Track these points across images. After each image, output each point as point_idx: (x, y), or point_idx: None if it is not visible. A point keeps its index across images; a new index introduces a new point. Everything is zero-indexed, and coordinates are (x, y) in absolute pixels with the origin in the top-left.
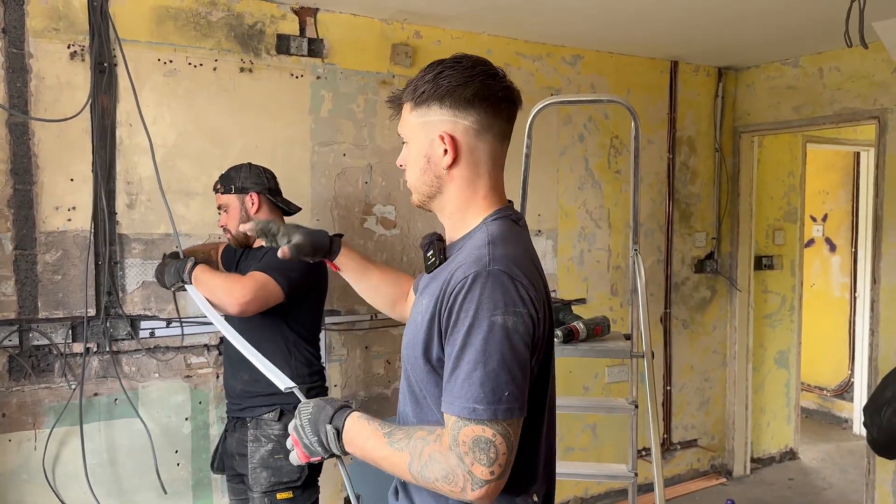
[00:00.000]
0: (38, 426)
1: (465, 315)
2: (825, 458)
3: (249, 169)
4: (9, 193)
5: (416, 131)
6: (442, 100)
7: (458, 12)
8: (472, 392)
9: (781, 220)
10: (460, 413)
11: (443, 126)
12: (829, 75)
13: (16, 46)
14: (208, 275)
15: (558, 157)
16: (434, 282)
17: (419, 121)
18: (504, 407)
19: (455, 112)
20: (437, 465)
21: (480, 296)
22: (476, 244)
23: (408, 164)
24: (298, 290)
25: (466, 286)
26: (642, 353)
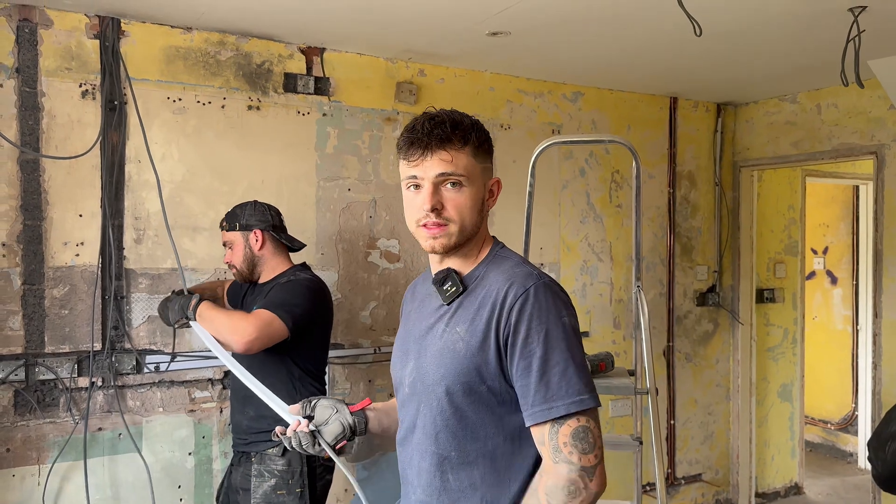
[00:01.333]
0: (42, 461)
1: (537, 322)
2: (830, 492)
3: (254, 206)
4: (18, 229)
5: (477, 175)
6: (490, 151)
7: (461, 51)
8: (574, 386)
9: (782, 253)
10: (567, 410)
11: (491, 173)
12: (826, 111)
13: (29, 85)
14: (213, 312)
15: (560, 191)
16: (462, 310)
17: (481, 166)
18: (596, 395)
19: (492, 161)
20: (557, 489)
21: (546, 303)
22: (507, 266)
23: (460, 206)
24: (303, 326)
25: (531, 297)
26: (646, 389)
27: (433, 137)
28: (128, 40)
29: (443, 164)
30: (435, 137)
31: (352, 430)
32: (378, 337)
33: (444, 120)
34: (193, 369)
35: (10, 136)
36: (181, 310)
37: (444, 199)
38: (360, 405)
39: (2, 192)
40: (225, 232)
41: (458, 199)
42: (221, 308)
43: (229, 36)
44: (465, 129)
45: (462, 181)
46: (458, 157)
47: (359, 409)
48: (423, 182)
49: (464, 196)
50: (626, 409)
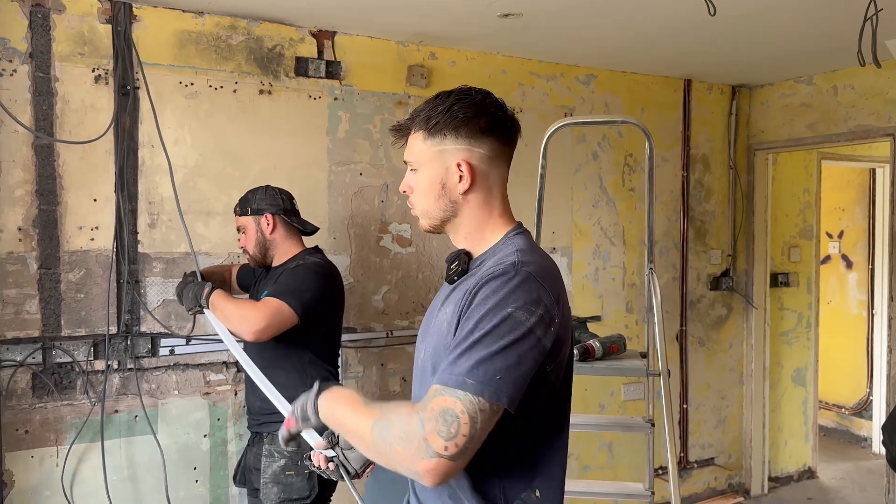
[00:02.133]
0: (59, 442)
1: (483, 303)
2: (844, 476)
3: (265, 191)
4: (34, 213)
5: (429, 159)
6: (458, 130)
7: (472, 34)
8: (467, 366)
9: (797, 237)
10: (448, 382)
11: (459, 154)
12: (843, 93)
13: (42, 71)
14: (224, 301)
15: (572, 175)
16: (456, 292)
17: (434, 149)
18: (491, 389)
19: (470, 141)
20: (400, 425)
21: (503, 289)
22: (504, 253)
23: (418, 190)
24: (313, 311)
25: (494, 278)
26: (658, 371)
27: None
28: (139, 25)
29: (405, 151)
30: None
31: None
32: (390, 321)
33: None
34: (208, 352)
35: (25, 121)
36: (195, 298)
37: (411, 182)
38: None
39: (17, 176)
40: (238, 217)
41: (415, 183)
42: (231, 297)
43: (241, 20)
44: (420, 116)
45: (416, 165)
46: (412, 143)
47: None
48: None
49: (418, 180)
50: (640, 393)
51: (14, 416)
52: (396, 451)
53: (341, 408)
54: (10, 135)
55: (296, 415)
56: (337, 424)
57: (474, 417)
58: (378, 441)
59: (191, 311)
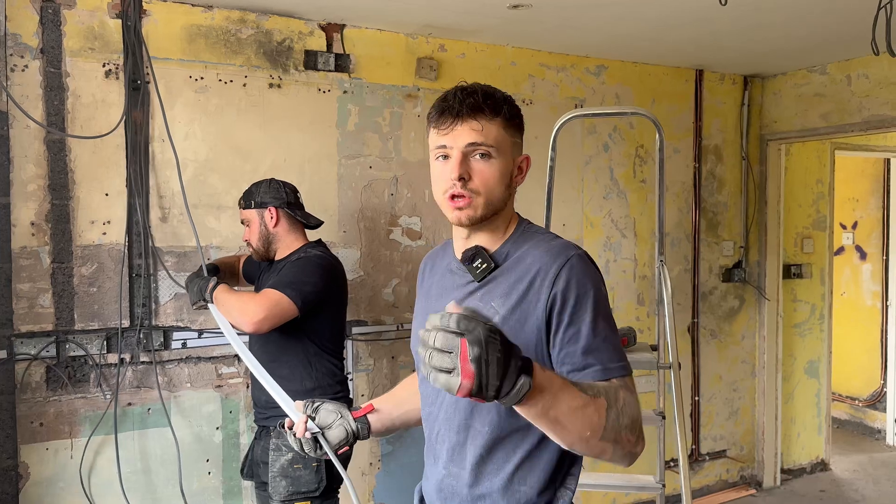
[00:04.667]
0: (74, 435)
1: (584, 291)
2: (857, 469)
3: (269, 184)
4: (47, 208)
5: (507, 148)
6: (521, 128)
7: (482, 26)
8: (621, 353)
9: (810, 228)
10: (621, 373)
11: (521, 149)
12: (857, 82)
13: (53, 66)
14: (226, 295)
15: (583, 166)
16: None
17: (511, 140)
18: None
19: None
20: (632, 408)
21: (589, 273)
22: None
23: (489, 177)
24: (314, 304)
25: (575, 267)
26: (669, 364)
27: (465, 106)
28: (149, 19)
29: (473, 133)
30: (467, 106)
31: (355, 435)
32: (401, 314)
33: (475, 90)
34: (220, 345)
35: (37, 117)
36: (199, 292)
37: (472, 169)
38: (362, 411)
39: (30, 171)
40: (242, 210)
41: (486, 170)
42: (234, 291)
43: (249, 13)
44: (497, 100)
45: (491, 152)
46: (489, 128)
47: (361, 416)
48: (451, 152)
49: (492, 168)
50: (650, 386)
51: (29, 409)
52: (623, 437)
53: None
54: (22, 130)
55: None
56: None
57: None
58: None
59: (195, 305)
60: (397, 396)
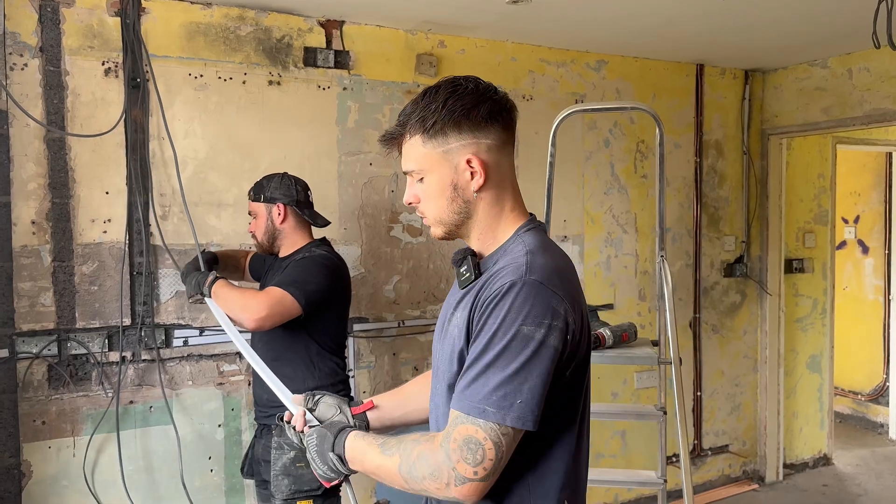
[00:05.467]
0: (76, 433)
1: (493, 320)
2: (860, 463)
3: (281, 180)
4: (47, 207)
5: (434, 163)
6: (459, 125)
7: (482, 21)
8: (485, 393)
9: (812, 223)
10: (468, 411)
11: (467, 150)
12: (858, 76)
13: (53, 64)
14: (226, 290)
15: (583, 162)
16: (468, 295)
17: (437, 151)
18: (514, 415)
19: (474, 134)
20: (426, 462)
21: (512, 304)
22: (514, 255)
23: (427, 198)
24: (317, 303)
25: (501, 294)
26: (670, 360)
27: (393, 136)
28: (148, 17)
29: (403, 161)
30: (388, 137)
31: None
32: (402, 311)
33: (403, 112)
34: (222, 343)
35: (36, 115)
36: (197, 286)
37: (417, 192)
38: (362, 408)
39: (30, 170)
40: (251, 202)
41: (421, 192)
42: (235, 286)
43: (248, 10)
44: (408, 119)
45: (421, 173)
46: (409, 151)
47: (360, 412)
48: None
49: (426, 187)
50: (653, 381)
51: (31, 408)
52: (429, 485)
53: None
54: (22, 129)
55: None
56: (368, 474)
57: (498, 443)
58: (409, 479)
59: (191, 298)
60: (404, 393)
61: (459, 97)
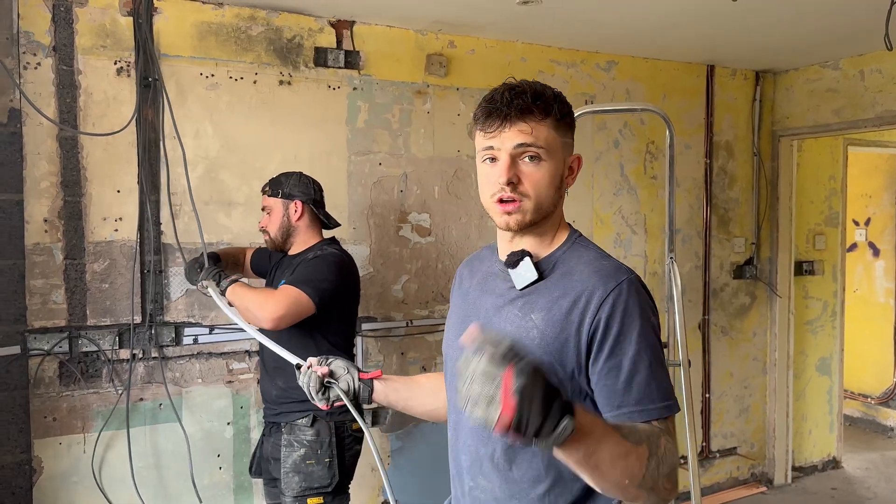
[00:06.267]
0: (86, 430)
1: (629, 321)
2: (869, 466)
3: (299, 178)
4: (59, 205)
5: (557, 149)
6: (572, 125)
7: (492, 21)
8: (665, 391)
9: (822, 225)
10: (660, 414)
11: (572, 149)
12: (870, 77)
13: (65, 63)
14: (243, 289)
15: (593, 163)
16: (538, 297)
17: (560, 140)
18: (675, 406)
19: (573, 137)
20: (671, 458)
21: (637, 301)
22: (591, 257)
23: (539, 180)
24: (330, 301)
25: (623, 294)
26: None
27: (513, 107)
28: (160, 17)
29: (522, 135)
30: (515, 107)
31: (355, 393)
32: (410, 310)
33: (524, 90)
34: (231, 341)
35: (49, 114)
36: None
37: (521, 172)
38: (370, 375)
39: (43, 168)
40: (266, 197)
41: (535, 173)
42: (250, 286)
43: (259, 10)
44: (546, 100)
45: (541, 154)
46: (539, 129)
47: (368, 378)
48: (499, 154)
49: (542, 171)
50: None
51: (42, 404)
52: (659, 486)
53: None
54: (34, 127)
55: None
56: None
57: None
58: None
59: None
60: (415, 382)
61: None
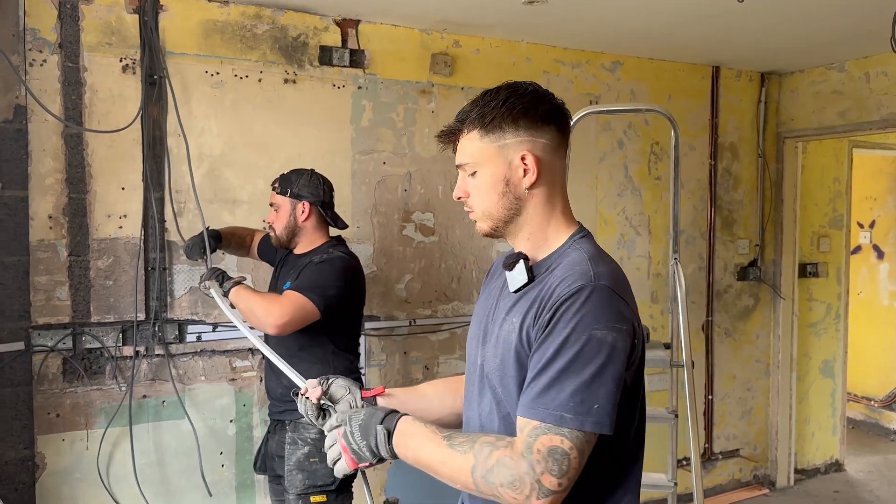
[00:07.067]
0: (90, 426)
1: (563, 325)
2: (872, 470)
3: (310, 178)
4: (64, 202)
5: (489, 157)
6: (517, 122)
7: (497, 21)
8: (562, 399)
9: (827, 227)
10: (544, 419)
11: (522, 147)
12: (875, 80)
13: (71, 60)
14: (247, 293)
15: (597, 163)
16: (523, 300)
17: (493, 146)
18: (592, 420)
19: (531, 132)
20: (506, 470)
21: (583, 308)
22: (574, 261)
23: (478, 191)
24: (335, 307)
25: (570, 297)
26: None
27: (446, 133)
28: (166, 14)
29: (458, 155)
30: (447, 133)
31: None
32: (413, 310)
33: (463, 109)
34: (234, 339)
35: (55, 111)
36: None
37: (467, 187)
38: (372, 392)
39: (48, 165)
40: (275, 194)
41: (473, 186)
42: (255, 291)
43: (265, 9)
44: (466, 115)
45: (475, 167)
46: (465, 145)
47: (370, 396)
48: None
49: (477, 182)
50: (664, 384)
51: (45, 400)
52: (504, 493)
53: (423, 448)
54: (40, 124)
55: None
56: (417, 463)
57: (582, 450)
58: (481, 485)
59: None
60: (419, 392)
61: (519, 97)
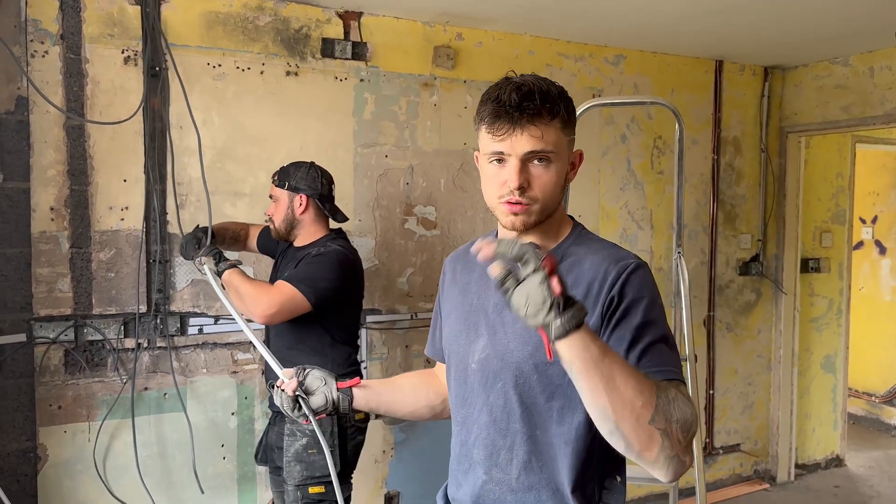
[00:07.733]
0: (91, 418)
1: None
2: (873, 465)
3: (308, 170)
4: (66, 194)
5: (563, 150)
6: (575, 123)
7: (500, 14)
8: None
9: (829, 222)
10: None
11: (573, 144)
12: (880, 74)
13: (73, 52)
14: (240, 279)
15: (600, 157)
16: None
17: (566, 140)
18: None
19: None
20: (686, 407)
21: (645, 280)
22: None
23: (546, 184)
24: (329, 300)
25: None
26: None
27: (523, 111)
28: (168, 6)
29: (532, 140)
30: (525, 111)
31: (334, 404)
32: (415, 303)
33: (532, 90)
34: (236, 331)
35: (57, 102)
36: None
37: (531, 176)
38: (348, 383)
39: (49, 157)
40: (274, 186)
41: (544, 176)
42: (248, 277)
43: (267, 1)
44: (553, 101)
45: (551, 157)
46: (548, 132)
47: (346, 387)
48: (508, 158)
49: (550, 173)
50: None
51: (47, 392)
52: (672, 431)
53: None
54: (42, 116)
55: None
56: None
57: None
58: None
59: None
60: (395, 384)
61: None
